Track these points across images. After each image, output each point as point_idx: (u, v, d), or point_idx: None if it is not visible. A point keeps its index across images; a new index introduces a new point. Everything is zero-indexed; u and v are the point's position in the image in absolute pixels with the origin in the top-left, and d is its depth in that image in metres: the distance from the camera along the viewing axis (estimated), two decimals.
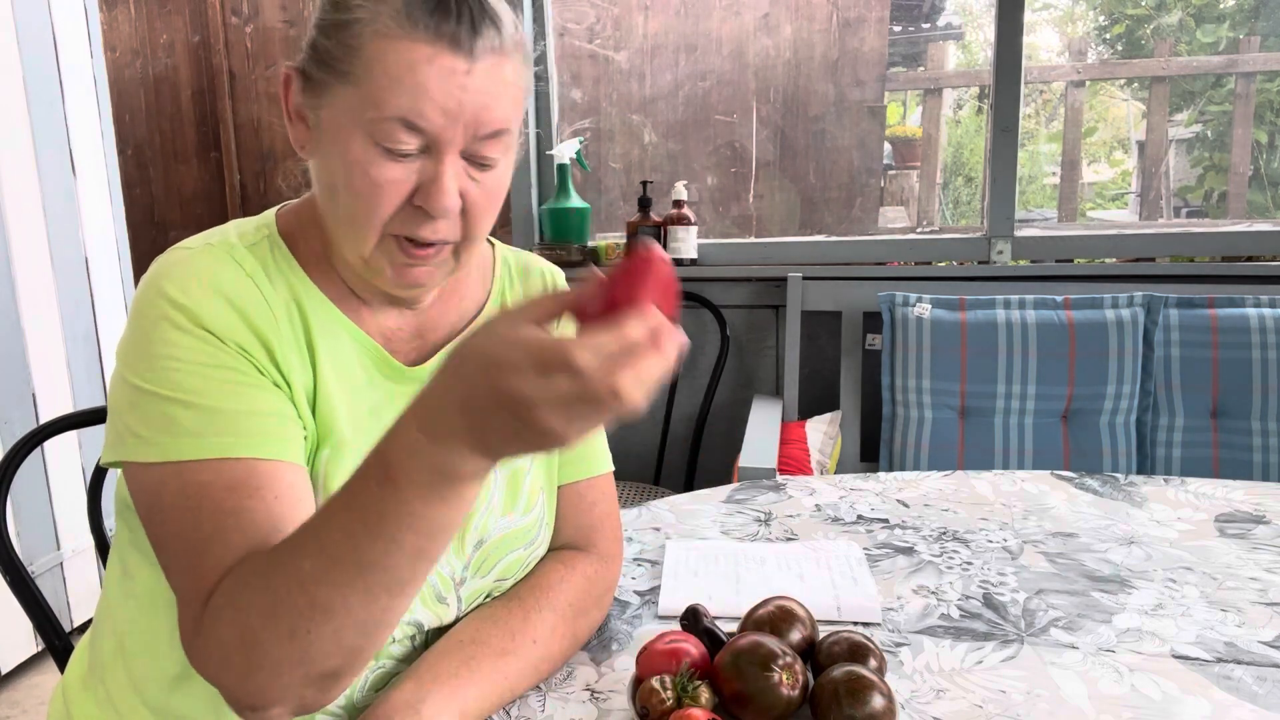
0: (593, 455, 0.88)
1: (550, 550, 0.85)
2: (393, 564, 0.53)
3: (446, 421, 0.49)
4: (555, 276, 0.89)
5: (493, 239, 0.89)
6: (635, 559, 0.98)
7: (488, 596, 0.78)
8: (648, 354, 0.45)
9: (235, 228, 0.72)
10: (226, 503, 0.62)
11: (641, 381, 0.45)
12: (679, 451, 2.33)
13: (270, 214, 0.75)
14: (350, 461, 0.70)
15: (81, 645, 0.82)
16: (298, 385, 0.68)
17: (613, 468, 0.90)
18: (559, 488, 0.86)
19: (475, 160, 0.67)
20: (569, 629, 0.78)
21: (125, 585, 0.75)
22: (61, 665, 0.94)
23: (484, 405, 0.47)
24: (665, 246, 2.21)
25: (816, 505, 1.14)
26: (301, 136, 0.69)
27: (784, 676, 0.62)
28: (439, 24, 0.62)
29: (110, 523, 1.02)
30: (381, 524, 0.52)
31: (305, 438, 0.68)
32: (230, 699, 0.58)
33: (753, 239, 2.66)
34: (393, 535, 0.52)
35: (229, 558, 0.60)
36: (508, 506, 0.79)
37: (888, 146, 4.07)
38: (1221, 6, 4.43)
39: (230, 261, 0.68)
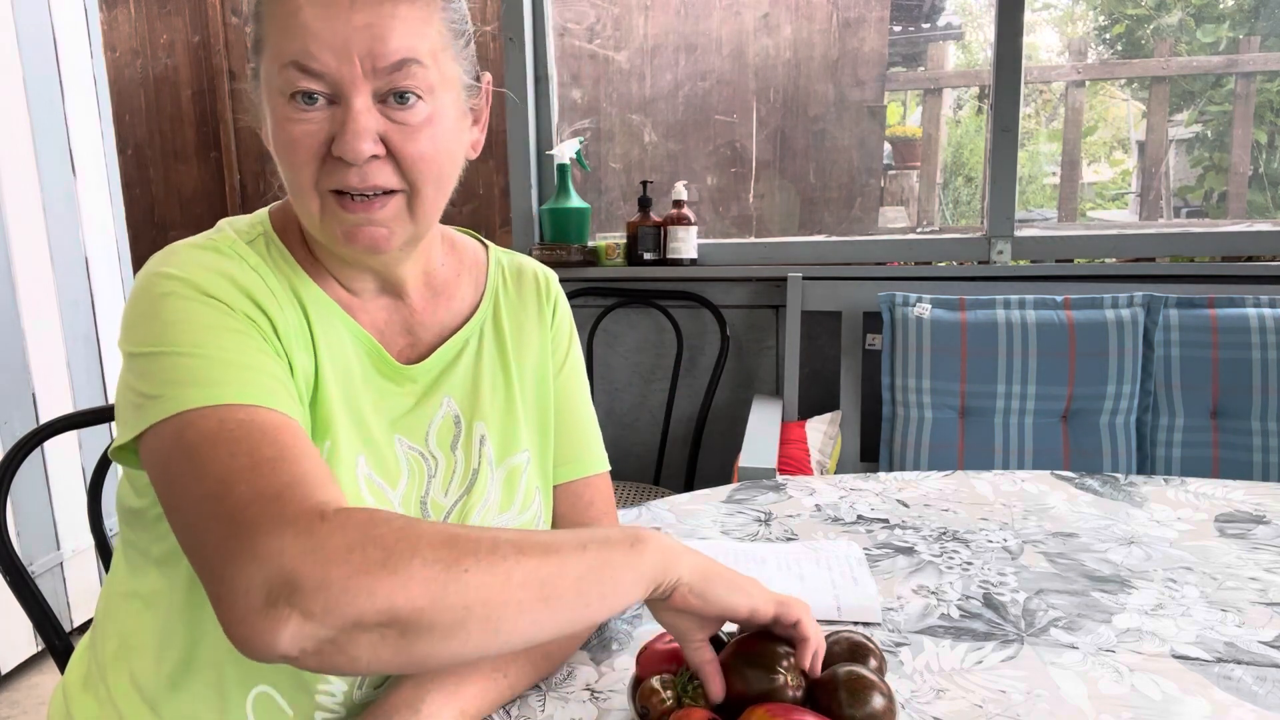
0: (590, 454, 0.88)
1: None
2: (562, 592, 0.56)
3: (690, 552, 0.62)
4: (549, 279, 0.89)
5: (487, 241, 0.89)
6: None
7: None
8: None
9: (230, 225, 0.73)
10: (280, 435, 0.59)
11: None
12: (679, 451, 2.33)
13: (264, 212, 0.76)
14: (349, 451, 0.70)
15: (82, 645, 0.82)
16: (300, 370, 0.68)
17: (609, 468, 0.90)
18: (556, 487, 0.86)
19: (391, 96, 0.65)
20: None
21: (130, 584, 0.74)
22: (61, 665, 0.94)
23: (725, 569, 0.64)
24: (665, 246, 2.21)
25: (816, 505, 1.14)
26: (262, 131, 0.71)
27: (789, 678, 0.62)
28: None
29: (110, 522, 1.02)
30: (588, 533, 0.59)
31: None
32: (309, 589, 0.50)
33: (753, 239, 2.66)
34: (585, 538, 0.58)
35: (313, 473, 0.57)
36: (505, 504, 0.79)
37: (888, 146, 4.06)
38: (1221, 6, 4.43)
39: (234, 255, 0.69)
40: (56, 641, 0.98)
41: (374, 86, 0.64)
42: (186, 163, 3.42)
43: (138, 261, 2.73)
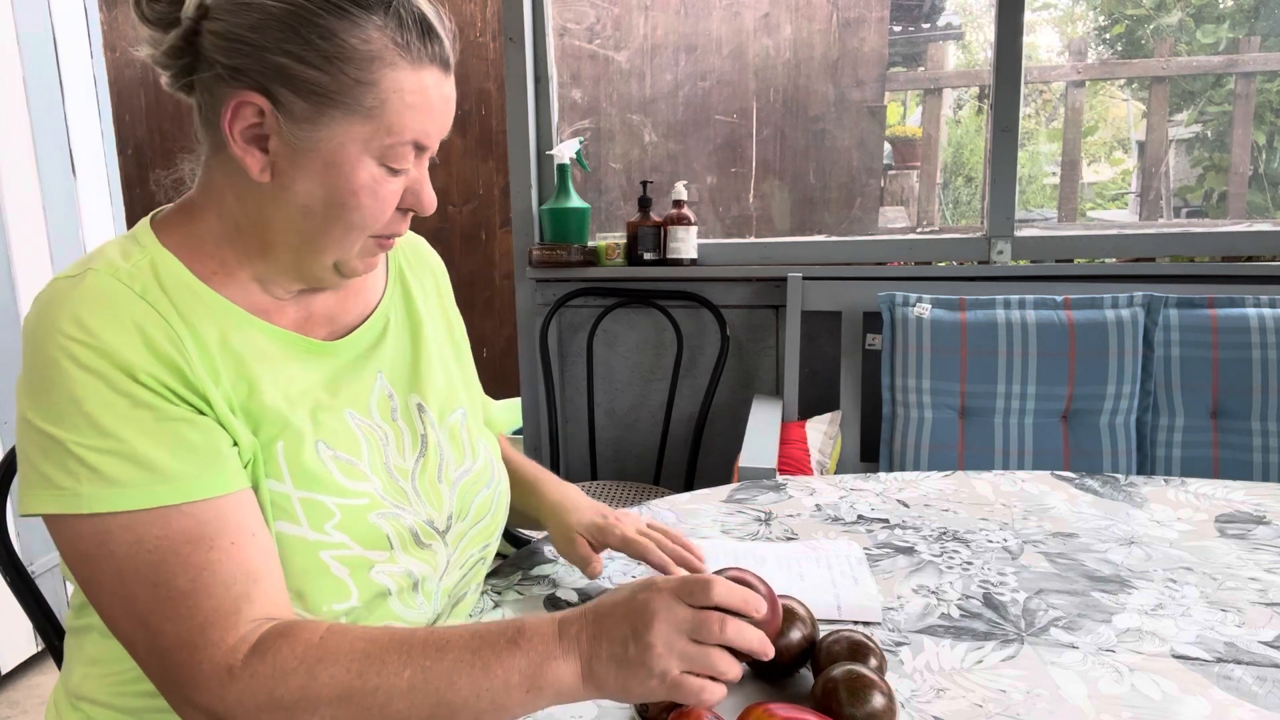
0: (492, 416, 1.00)
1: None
2: (464, 712, 0.60)
3: (578, 620, 0.61)
4: (430, 251, 0.96)
5: None
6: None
7: (472, 542, 0.84)
8: (747, 629, 0.59)
9: (115, 248, 0.69)
10: (192, 558, 0.62)
11: (739, 635, 0.58)
12: (679, 451, 2.33)
13: (145, 228, 0.72)
14: (308, 442, 0.71)
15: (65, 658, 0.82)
16: (217, 398, 0.66)
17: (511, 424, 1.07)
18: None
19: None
20: None
21: (85, 619, 0.76)
22: (61, 665, 0.94)
23: (617, 611, 0.60)
24: (665, 246, 2.21)
25: (817, 505, 1.14)
26: (260, 162, 0.67)
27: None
28: (433, 48, 0.68)
29: None
30: (485, 671, 0.60)
31: (237, 448, 0.67)
32: None
33: (753, 239, 2.66)
34: (483, 686, 0.59)
35: (224, 606, 0.61)
36: (459, 460, 0.84)
37: (888, 146, 4.07)
38: (1221, 6, 4.43)
39: (118, 284, 0.65)
40: (56, 642, 0.98)
41: None
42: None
43: None
